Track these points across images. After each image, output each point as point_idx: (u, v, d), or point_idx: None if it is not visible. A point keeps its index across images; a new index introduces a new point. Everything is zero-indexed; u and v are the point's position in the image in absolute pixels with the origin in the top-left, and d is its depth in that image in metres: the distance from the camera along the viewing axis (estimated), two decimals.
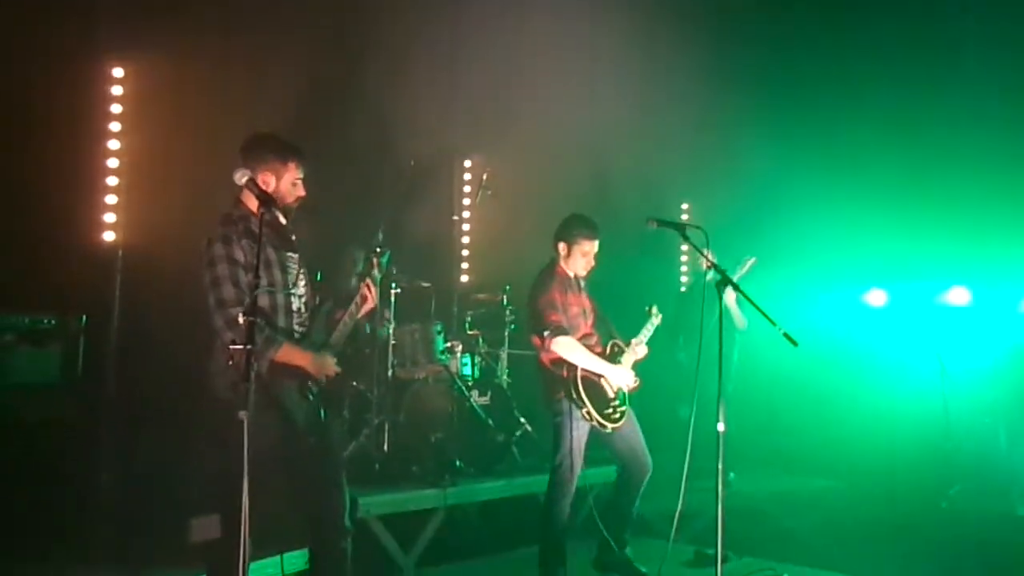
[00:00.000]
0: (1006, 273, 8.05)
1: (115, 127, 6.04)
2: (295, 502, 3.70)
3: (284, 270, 3.63)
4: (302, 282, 3.71)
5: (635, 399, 4.91)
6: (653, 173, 8.08)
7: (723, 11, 8.36)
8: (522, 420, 6.36)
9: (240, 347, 3.06)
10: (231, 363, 3.21)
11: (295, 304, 3.65)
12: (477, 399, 6.20)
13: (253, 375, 3.05)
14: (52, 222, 5.70)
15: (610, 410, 4.74)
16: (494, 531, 5.92)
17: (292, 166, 3.66)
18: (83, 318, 5.61)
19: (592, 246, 4.88)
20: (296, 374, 3.54)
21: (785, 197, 8.22)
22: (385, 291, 5.97)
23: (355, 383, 6.13)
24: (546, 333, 4.64)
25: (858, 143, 8.37)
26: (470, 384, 6.35)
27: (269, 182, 3.60)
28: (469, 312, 7.14)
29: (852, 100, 8.55)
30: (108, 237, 6.00)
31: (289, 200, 3.67)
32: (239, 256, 3.46)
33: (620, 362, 4.86)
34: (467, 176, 8.46)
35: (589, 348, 4.78)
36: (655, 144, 8.05)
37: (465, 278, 8.43)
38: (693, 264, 9.52)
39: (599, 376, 4.75)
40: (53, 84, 5.67)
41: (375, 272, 3.90)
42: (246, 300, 3.24)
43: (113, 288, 6.03)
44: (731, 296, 6.39)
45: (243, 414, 2.96)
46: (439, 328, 6.35)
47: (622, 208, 7.07)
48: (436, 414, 6.10)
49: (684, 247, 9.42)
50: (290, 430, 3.53)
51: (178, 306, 4.98)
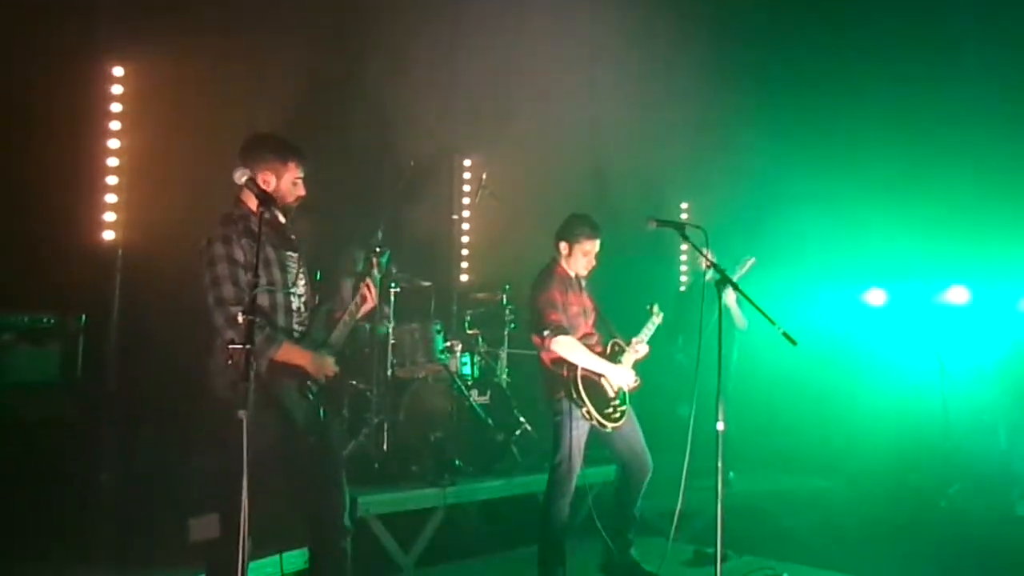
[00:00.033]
0: (1005, 272, 8.04)
1: (115, 126, 6.05)
2: (295, 501, 3.70)
3: (284, 269, 3.63)
4: (302, 281, 3.71)
5: (635, 398, 4.91)
6: (652, 172, 8.08)
7: (722, 9, 8.35)
8: (521, 419, 6.35)
9: (239, 346, 3.06)
10: (230, 362, 3.21)
11: (295, 303, 3.65)
12: (476, 398, 6.20)
13: (252, 374, 3.05)
14: (52, 221, 5.70)
15: (610, 409, 4.74)
16: (493, 530, 5.92)
17: (292, 165, 3.66)
18: (83, 317, 5.61)
19: (593, 246, 4.87)
20: (296, 373, 3.54)
21: (785, 196, 8.22)
22: (384, 290, 5.96)
23: (354, 382, 6.13)
24: (546, 332, 4.63)
25: (858, 142, 8.36)
26: (469, 383, 6.35)
27: (269, 181, 3.60)
28: (468, 311, 7.14)
29: (852, 98, 8.53)
30: (108, 236, 6.01)
31: (289, 199, 3.67)
32: (239, 255, 3.46)
33: (621, 361, 4.85)
34: (467, 175, 8.47)
35: (590, 347, 4.78)
36: (654, 143, 8.05)
37: (464, 277, 8.43)
38: (692, 263, 9.51)
39: (599, 375, 4.74)
40: (53, 83, 5.67)
41: (375, 272, 3.88)
42: (246, 299, 3.24)
43: (113, 287, 6.04)
44: (731, 295, 6.39)
45: (242, 413, 2.96)
46: (438, 327, 6.34)
47: (621, 207, 7.08)
48: (435, 413, 6.10)
49: (683, 246, 9.40)
50: (289, 429, 3.53)
51: (178, 305, 4.98)
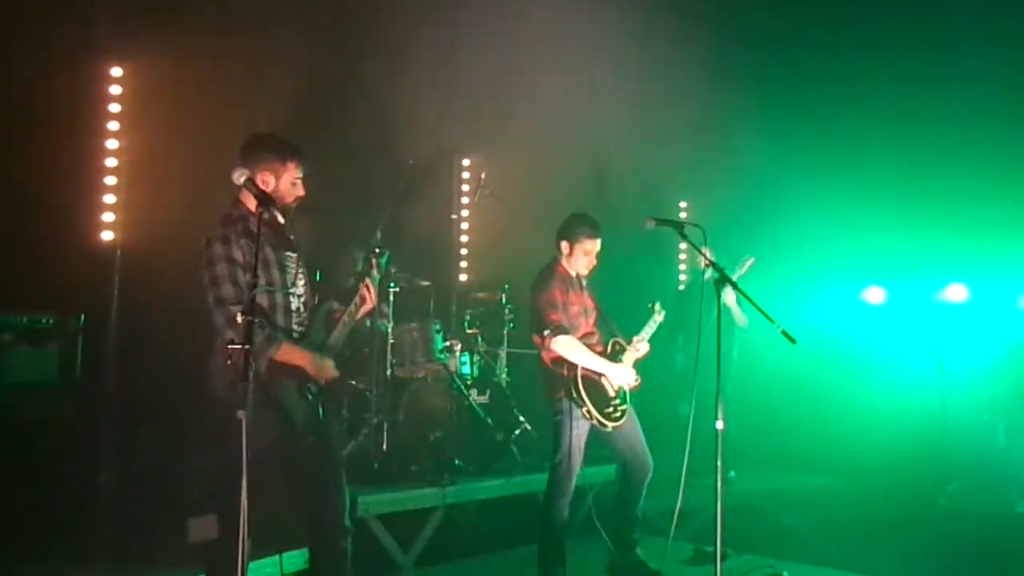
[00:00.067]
0: (1004, 270, 8.06)
1: (114, 126, 6.05)
2: (294, 501, 3.69)
3: (283, 269, 3.62)
4: (301, 282, 3.71)
5: (635, 397, 4.91)
6: (652, 172, 8.09)
7: (722, 9, 8.35)
8: (521, 419, 6.35)
9: (239, 346, 3.06)
10: (230, 362, 3.21)
11: (294, 304, 3.65)
12: (476, 398, 6.20)
13: (252, 374, 3.04)
14: (51, 221, 5.70)
15: (610, 409, 4.74)
16: (493, 530, 5.91)
17: (291, 166, 3.65)
18: (82, 317, 5.61)
19: (594, 245, 4.87)
20: (295, 373, 3.53)
21: (784, 195, 8.23)
22: (384, 290, 5.96)
23: (354, 382, 6.13)
24: (546, 332, 4.63)
25: (857, 141, 8.38)
26: (469, 383, 6.35)
27: (268, 182, 3.60)
28: (468, 311, 7.14)
29: (851, 98, 8.55)
30: (107, 237, 6.01)
31: (288, 200, 3.67)
32: (238, 256, 3.46)
33: (621, 360, 4.85)
34: (466, 175, 8.47)
35: (590, 347, 4.78)
36: (654, 142, 8.05)
37: (464, 277, 8.43)
38: (691, 263, 9.51)
39: (600, 375, 4.74)
40: (52, 84, 5.67)
41: (374, 272, 3.88)
42: (245, 299, 3.24)
43: (112, 288, 6.04)
44: (730, 294, 6.39)
45: (242, 413, 2.96)
46: (438, 327, 6.34)
47: (621, 207, 7.07)
48: (435, 413, 6.10)
49: (682, 246, 9.40)
50: (289, 429, 3.52)
51: (177, 306, 4.98)
